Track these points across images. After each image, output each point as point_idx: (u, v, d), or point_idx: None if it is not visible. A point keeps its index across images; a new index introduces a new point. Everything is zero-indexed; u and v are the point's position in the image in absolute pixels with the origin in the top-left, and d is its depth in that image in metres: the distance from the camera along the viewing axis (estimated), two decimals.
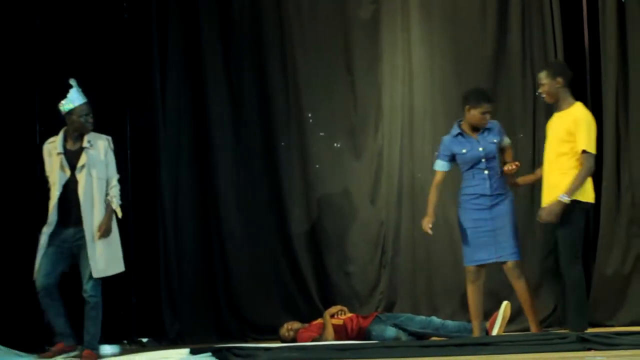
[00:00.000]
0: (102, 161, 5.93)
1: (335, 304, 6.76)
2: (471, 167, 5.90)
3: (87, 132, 5.96)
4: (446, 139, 5.98)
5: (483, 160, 5.88)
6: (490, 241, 5.80)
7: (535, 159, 6.86)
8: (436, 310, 6.82)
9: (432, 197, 5.96)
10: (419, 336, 6.32)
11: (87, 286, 5.80)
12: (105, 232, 5.83)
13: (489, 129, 5.94)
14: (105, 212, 5.86)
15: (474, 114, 5.89)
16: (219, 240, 7.28)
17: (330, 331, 6.42)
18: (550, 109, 6.75)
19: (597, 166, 6.71)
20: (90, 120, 5.96)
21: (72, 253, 5.88)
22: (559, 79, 5.60)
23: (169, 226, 7.15)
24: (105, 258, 5.83)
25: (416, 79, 7.15)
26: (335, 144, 7.32)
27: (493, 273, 6.10)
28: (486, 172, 5.87)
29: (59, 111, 6.03)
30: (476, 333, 5.92)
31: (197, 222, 7.30)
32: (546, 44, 6.88)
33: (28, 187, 6.77)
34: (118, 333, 6.88)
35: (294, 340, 6.57)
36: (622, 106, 6.76)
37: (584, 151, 5.48)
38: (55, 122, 6.79)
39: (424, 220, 5.90)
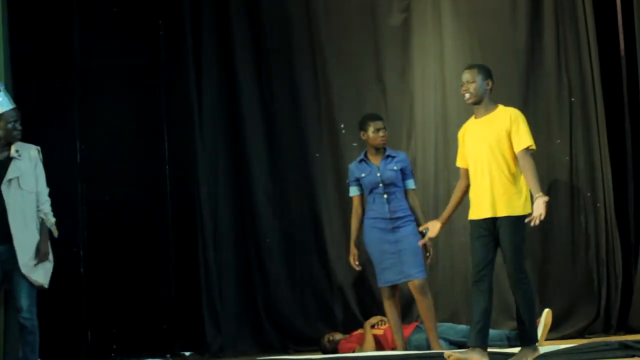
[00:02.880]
0: (32, 173, 5.49)
1: (375, 314, 6.77)
2: (370, 192, 6.19)
3: (15, 141, 5.50)
4: (351, 165, 6.37)
5: (381, 184, 6.15)
6: (397, 262, 6.06)
7: (572, 166, 6.82)
8: None
9: (354, 223, 6.32)
10: (460, 345, 6.32)
11: (24, 307, 5.35)
12: (44, 256, 5.44)
13: (392, 157, 6.23)
14: (38, 231, 5.45)
15: (369, 135, 6.26)
16: (257, 253, 7.33)
17: (370, 341, 6.44)
18: (587, 117, 6.79)
19: (635, 171, 6.74)
20: (19, 127, 5.50)
21: (3, 271, 5.43)
22: (489, 82, 5.33)
23: (208, 241, 7.21)
24: (43, 271, 5.45)
25: (449, 85, 7.10)
26: None
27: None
28: (385, 196, 6.14)
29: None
30: (399, 347, 6.15)
31: (235, 236, 7.36)
32: (580, 49, 6.83)
33: None
34: (161, 347, 6.96)
35: (334, 351, 6.61)
36: None
37: (526, 148, 5.16)
38: (93, 139, 6.94)
39: (350, 256, 6.30)
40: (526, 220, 5.09)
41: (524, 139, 5.19)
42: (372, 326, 6.58)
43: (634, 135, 6.79)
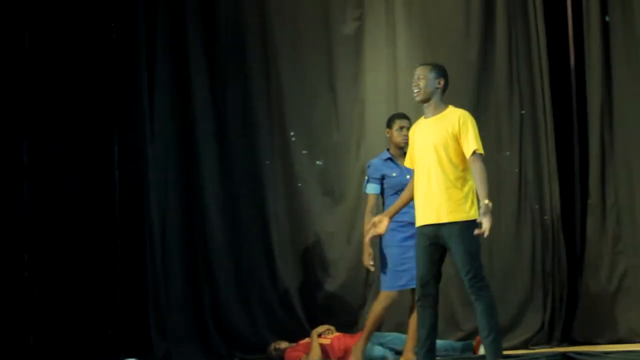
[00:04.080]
0: None
1: (322, 323, 6.76)
2: (395, 193, 5.86)
3: None
4: (375, 161, 6.09)
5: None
6: (412, 268, 5.60)
7: (521, 178, 6.88)
8: None
9: (368, 223, 5.58)
10: None
11: None
12: None
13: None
14: None
15: (392, 133, 6.06)
16: (205, 259, 7.27)
17: (316, 351, 6.42)
18: (537, 129, 6.85)
19: (582, 184, 6.82)
20: None
21: None
22: (441, 81, 5.15)
23: (156, 246, 7.14)
24: None
25: (401, 95, 7.13)
26: (317, 162, 7.34)
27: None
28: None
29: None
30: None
31: (184, 241, 7.29)
32: (531, 62, 6.91)
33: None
34: (106, 353, 6.87)
35: (281, 359, 6.58)
36: (607, 124, 6.78)
37: (474, 152, 4.98)
38: (42, 140, 6.87)
39: (366, 255, 5.93)
40: (476, 233, 4.89)
41: (472, 143, 4.99)
42: (319, 335, 6.56)
43: (582, 149, 6.88)
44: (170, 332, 7.07)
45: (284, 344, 6.65)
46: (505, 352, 6.15)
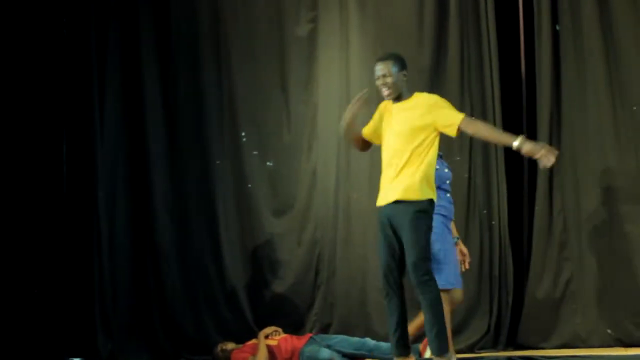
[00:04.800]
0: None
1: (269, 324, 6.73)
2: (437, 187, 5.54)
3: None
4: None
5: (447, 182, 5.78)
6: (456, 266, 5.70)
7: (470, 184, 6.93)
8: (370, 332, 6.82)
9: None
10: (353, 358, 6.34)
11: None
12: None
13: (441, 156, 5.84)
14: None
15: None
16: (153, 259, 7.22)
17: (263, 352, 6.39)
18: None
19: (530, 190, 6.90)
20: None
21: None
22: (405, 72, 5.11)
23: (104, 244, 7.09)
24: None
25: (353, 98, 7.13)
26: (268, 163, 7.32)
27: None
28: (448, 195, 5.75)
29: None
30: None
31: (132, 240, 7.23)
32: (483, 69, 6.97)
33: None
34: (50, 352, 6.78)
35: (227, 359, 6.54)
36: (556, 131, 6.87)
37: (462, 120, 4.92)
38: None
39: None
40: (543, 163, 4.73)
41: (453, 115, 4.93)
42: (266, 336, 6.54)
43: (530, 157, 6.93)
44: (115, 331, 7.02)
45: (230, 345, 6.61)
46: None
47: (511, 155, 6.89)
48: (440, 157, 5.75)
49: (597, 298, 6.71)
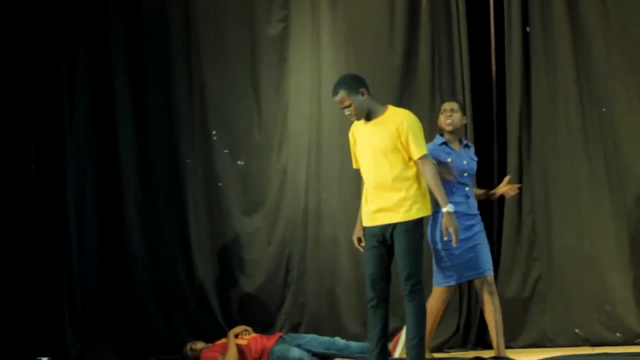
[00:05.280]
0: None
1: (239, 323, 6.72)
2: (454, 181, 5.75)
3: None
4: (430, 145, 5.67)
5: (465, 174, 5.77)
6: (473, 258, 5.72)
7: None
8: (340, 331, 6.83)
9: None
10: (323, 357, 6.34)
11: None
12: None
13: (469, 147, 5.90)
14: None
15: (439, 117, 5.93)
16: (122, 258, 7.17)
17: (233, 351, 6.38)
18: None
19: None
20: None
21: None
22: (362, 90, 5.06)
23: (73, 244, 7.04)
24: None
25: (324, 98, 7.15)
26: (238, 162, 7.30)
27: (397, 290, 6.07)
28: (466, 188, 5.76)
29: None
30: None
31: (101, 239, 7.18)
32: (454, 71, 7.00)
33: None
34: (18, 353, 6.72)
35: (197, 359, 6.51)
36: (525, 132, 6.92)
37: (422, 156, 5.04)
38: None
39: None
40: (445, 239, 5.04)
41: (417, 147, 5.03)
42: (236, 336, 6.52)
43: (500, 157, 6.99)
44: (84, 331, 6.98)
45: (200, 344, 6.59)
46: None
47: (481, 157, 6.96)
48: (448, 145, 5.81)
49: (565, 298, 6.77)
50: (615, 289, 6.69)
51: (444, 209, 5.07)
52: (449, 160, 5.76)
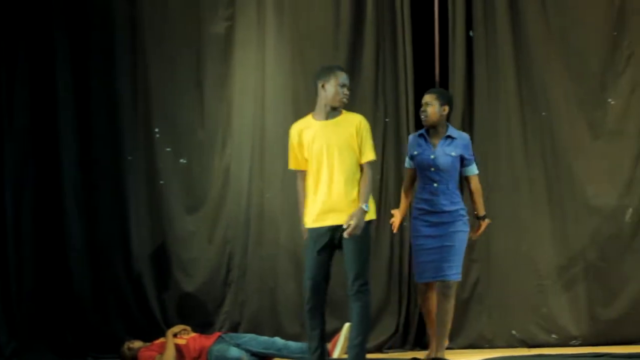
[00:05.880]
0: None
1: (178, 323, 6.67)
2: (421, 175, 5.83)
3: None
4: (410, 136, 5.99)
5: (432, 169, 5.78)
6: (436, 259, 5.75)
7: (382, 185, 6.99)
8: (280, 331, 6.82)
9: (402, 193, 6.00)
10: (262, 357, 6.34)
11: None
12: None
13: (452, 139, 5.84)
14: None
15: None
16: (60, 256, 7.07)
17: (171, 351, 6.33)
18: (400, 139, 6.99)
19: None
20: None
21: None
22: (324, 84, 5.37)
23: (9, 240, 6.91)
24: None
25: (268, 97, 7.16)
26: (181, 160, 7.25)
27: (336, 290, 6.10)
28: (435, 185, 5.77)
29: None
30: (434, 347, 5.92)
31: (38, 236, 7.05)
32: (397, 73, 7.04)
33: None
34: None
35: (134, 358, 6.45)
36: (467, 133, 6.98)
37: (369, 162, 5.29)
38: None
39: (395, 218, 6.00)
40: (345, 234, 5.10)
41: (370, 151, 5.25)
42: (175, 335, 6.47)
43: None
44: (20, 330, 6.85)
45: (137, 343, 6.53)
46: None
47: None
48: (424, 137, 5.86)
49: (502, 300, 6.86)
50: (551, 292, 6.81)
51: (363, 205, 5.18)
52: (415, 153, 5.84)
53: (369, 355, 6.23)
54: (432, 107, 5.88)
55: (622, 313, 6.76)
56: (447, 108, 5.89)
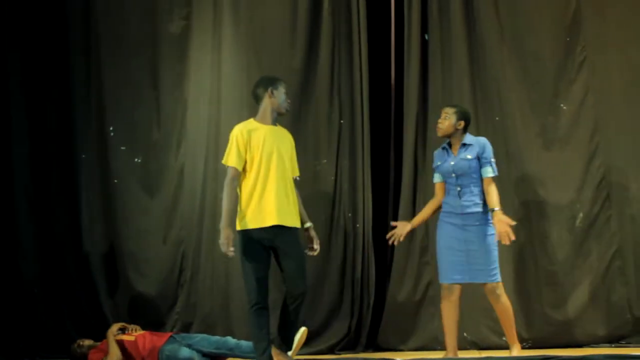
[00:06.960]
0: None
1: (130, 322, 6.60)
2: (446, 183, 5.98)
3: None
4: (436, 151, 6.14)
5: (453, 175, 5.90)
6: (464, 261, 5.82)
7: (336, 187, 7.01)
8: (232, 332, 6.80)
9: (425, 207, 6.14)
10: (213, 357, 6.31)
11: None
12: None
13: (468, 145, 5.96)
14: None
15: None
16: (11, 255, 6.99)
17: (114, 351, 6.27)
18: (354, 140, 7.01)
19: (395, 195, 7.03)
20: None
21: None
22: (271, 91, 5.50)
23: None
24: None
25: (224, 97, 7.14)
26: (136, 159, 7.21)
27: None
28: (457, 188, 5.88)
29: None
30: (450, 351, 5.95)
31: None
32: (353, 75, 7.07)
33: None
34: None
35: (84, 356, 6.40)
36: (421, 138, 7.03)
37: (296, 177, 5.59)
38: None
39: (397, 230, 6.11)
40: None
41: (297, 168, 5.58)
42: (123, 332, 6.41)
43: (397, 160, 7.09)
44: None
45: (87, 342, 6.47)
46: (311, 357, 6.29)
47: (377, 160, 7.07)
48: (447, 149, 5.99)
49: None
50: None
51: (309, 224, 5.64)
52: (438, 163, 6.01)
53: (321, 357, 6.29)
54: (448, 120, 5.99)
55: (572, 316, 6.83)
56: (462, 123, 6.02)
